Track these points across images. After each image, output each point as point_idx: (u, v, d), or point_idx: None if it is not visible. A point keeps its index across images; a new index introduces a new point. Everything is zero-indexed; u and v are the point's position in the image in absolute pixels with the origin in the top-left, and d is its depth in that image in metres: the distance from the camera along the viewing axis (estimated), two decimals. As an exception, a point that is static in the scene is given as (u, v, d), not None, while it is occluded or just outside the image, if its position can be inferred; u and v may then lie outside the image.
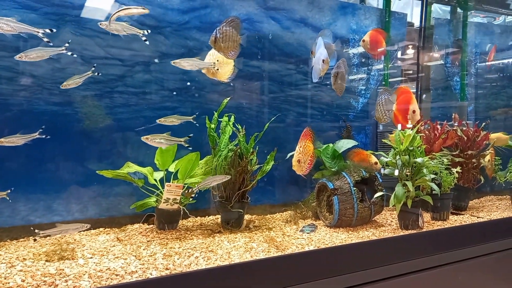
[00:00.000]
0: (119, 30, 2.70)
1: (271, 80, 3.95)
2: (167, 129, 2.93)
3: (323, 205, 3.55)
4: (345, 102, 4.40)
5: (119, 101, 3.26)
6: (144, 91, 3.36)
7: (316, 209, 3.58)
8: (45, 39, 2.55)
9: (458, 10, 5.30)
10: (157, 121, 2.88)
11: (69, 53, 2.70)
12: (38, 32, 2.49)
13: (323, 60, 3.13)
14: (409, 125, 3.40)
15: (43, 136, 2.68)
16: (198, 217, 3.54)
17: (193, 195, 2.97)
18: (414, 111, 3.42)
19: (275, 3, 3.94)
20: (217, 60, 2.95)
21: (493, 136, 4.34)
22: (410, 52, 5.01)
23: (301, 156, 3.12)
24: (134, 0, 3.24)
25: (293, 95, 4.08)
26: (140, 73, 3.33)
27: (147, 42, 2.87)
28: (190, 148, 3.01)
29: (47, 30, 2.52)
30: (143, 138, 2.83)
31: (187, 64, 2.84)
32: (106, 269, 2.21)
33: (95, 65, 2.88)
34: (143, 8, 2.59)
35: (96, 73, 2.82)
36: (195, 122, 2.97)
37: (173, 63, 2.85)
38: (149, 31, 2.83)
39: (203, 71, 2.94)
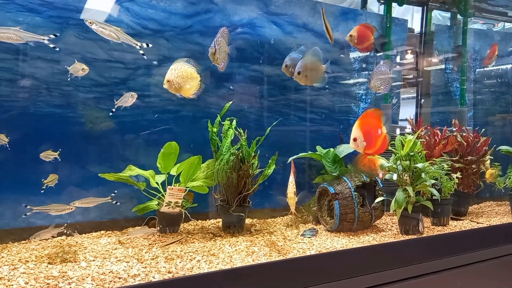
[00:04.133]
0: (113, 36, 2.68)
1: (273, 84, 3.97)
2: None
3: (324, 209, 3.56)
4: (346, 107, 4.42)
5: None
6: (147, 94, 3.37)
7: (317, 214, 3.59)
8: (51, 45, 2.59)
9: (458, 16, 5.35)
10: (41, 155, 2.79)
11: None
12: (44, 39, 2.53)
13: (298, 73, 3.14)
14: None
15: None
16: (199, 221, 3.54)
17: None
18: (354, 139, 2.98)
19: (277, 8, 3.97)
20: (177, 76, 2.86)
21: (488, 175, 4.37)
22: (410, 57, 5.05)
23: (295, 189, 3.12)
24: (136, 3, 3.28)
25: (294, 100, 4.10)
26: (143, 77, 3.35)
27: (145, 57, 2.88)
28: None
29: (51, 36, 2.56)
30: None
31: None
32: (109, 272, 2.21)
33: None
34: None
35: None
36: (58, 158, 2.85)
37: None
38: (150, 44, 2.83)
39: (165, 86, 2.84)
